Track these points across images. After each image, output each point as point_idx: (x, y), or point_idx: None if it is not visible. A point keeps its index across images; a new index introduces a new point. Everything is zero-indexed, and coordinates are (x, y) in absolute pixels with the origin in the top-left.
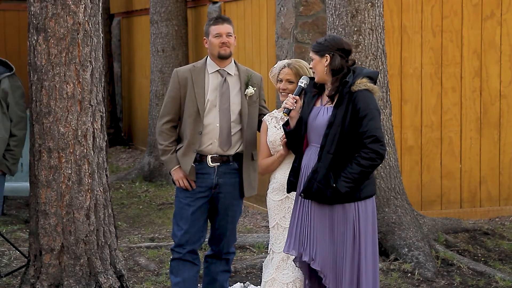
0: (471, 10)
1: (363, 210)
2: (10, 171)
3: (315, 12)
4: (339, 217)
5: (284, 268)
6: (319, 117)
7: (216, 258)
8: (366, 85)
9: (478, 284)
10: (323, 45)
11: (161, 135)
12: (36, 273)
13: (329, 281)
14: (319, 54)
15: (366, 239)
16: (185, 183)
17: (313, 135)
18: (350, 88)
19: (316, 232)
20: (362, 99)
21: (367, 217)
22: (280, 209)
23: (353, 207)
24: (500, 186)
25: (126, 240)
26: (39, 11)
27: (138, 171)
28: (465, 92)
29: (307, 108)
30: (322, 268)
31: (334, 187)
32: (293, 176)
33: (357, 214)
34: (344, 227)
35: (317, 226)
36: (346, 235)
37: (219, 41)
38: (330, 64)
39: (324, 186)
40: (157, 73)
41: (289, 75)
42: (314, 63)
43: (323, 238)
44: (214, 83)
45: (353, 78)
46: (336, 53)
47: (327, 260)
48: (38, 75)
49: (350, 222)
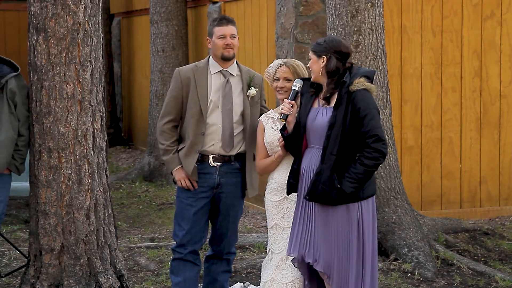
0: (471, 10)
1: (366, 209)
2: (18, 171)
3: (315, 12)
4: (343, 217)
5: (283, 268)
6: (318, 118)
7: (217, 258)
8: (364, 84)
9: (478, 284)
10: (321, 46)
11: (162, 134)
12: (36, 273)
13: (333, 281)
14: (316, 54)
15: (369, 238)
16: (187, 183)
17: (313, 136)
18: (348, 88)
19: (319, 233)
20: (362, 98)
21: (369, 216)
22: (278, 210)
23: (356, 206)
24: (500, 186)
25: (126, 240)
26: (39, 11)
27: (138, 171)
28: (465, 92)
29: (305, 109)
30: (325, 270)
31: (339, 188)
32: (292, 178)
33: (361, 214)
34: (349, 227)
35: (320, 228)
36: (351, 235)
37: (223, 43)
38: (326, 65)
39: (329, 187)
40: (157, 73)
41: (287, 73)
42: (311, 63)
43: (327, 239)
44: (216, 84)
45: (350, 78)
46: (333, 55)
47: (331, 261)
48: (38, 75)
49: (354, 222)
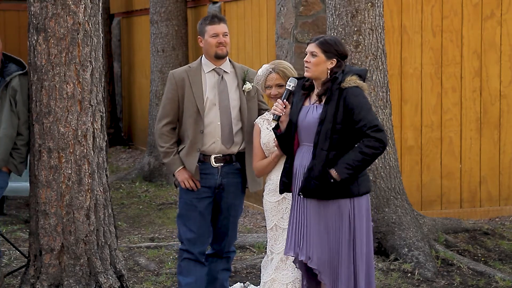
0: (471, 10)
1: (358, 206)
2: (17, 171)
3: (315, 12)
4: (335, 213)
5: (284, 268)
6: (309, 116)
7: (217, 256)
8: (356, 82)
9: (478, 284)
10: (332, 48)
11: (161, 137)
12: (36, 273)
13: (325, 276)
14: (326, 55)
15: (361, 236)
16: (191, 183)
17: (304, 134)
18: (340, 85)
19: (312, 230)
20: (353, 95)
21: (361, 214)
22: (277, 210)
23: (348, 203)
24: (500, 186)
25: (126, 240)
26: (39, 11)
27: (138, 171)
28: (465, 92)
29: (296, 108)
30: (318, 267)
31: (332, 182)
32: (285, 176)
33: (353, 210)
34: (340, 223)
35: (313, 224)
36: (342, 231)
37: (216, 41)
38: (334, 67)
39: (321, 182)
40: (157, 73)
41: (278, 80)
42: (317, 61)
43: (319, 235)
44: (211, 82)
45: (342, 75)
46: (340, 58)
47: (324, 257)
48: (38, 75)
49: (346, 219)
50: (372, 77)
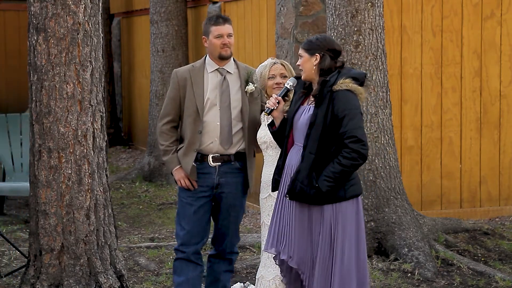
0: (471, 10)
1: (343, 211)
2: None
3: (315, 12)
4: (317, 218)
5: (269, 265)
6: (303, 117)
7: (219, 257)
8: (348, 85)
9: (478, 284)
10: (314, 44)
11: (161, 135)
12: (36, 273)
13: (306, 278)
14: (309, 52)
15: (345, 241)
16: (187, 182)
17: (297, 134)
18: (331, 88)
19: (296, 231)
20: (342, 99)
21: (346, 218)
22: (265, 207)
23: (330, 208)
24: (500, 186)
25: (126, 240)
26: (39, 11)
27: (138, 171)
28: (465, 92)
29: (294, 107)
30: (299, 266)
31: (317, 186)
32: (277, 174)
33: (335, 216)
34: (320, 227)
35: (297, 226)
36: (323, 236)
37: (221, 42)
38: (319, 63)
39: (306, 186)
40: (157, 73)
41: (283, 70)
42: (303, 61)
43: (302, 237)
44: (213, 82)
45: (336, 78)
46: (327, 53)
47: (305, 259)
48: (38, 75)
49: (327, 224)
50: (372, 77)
